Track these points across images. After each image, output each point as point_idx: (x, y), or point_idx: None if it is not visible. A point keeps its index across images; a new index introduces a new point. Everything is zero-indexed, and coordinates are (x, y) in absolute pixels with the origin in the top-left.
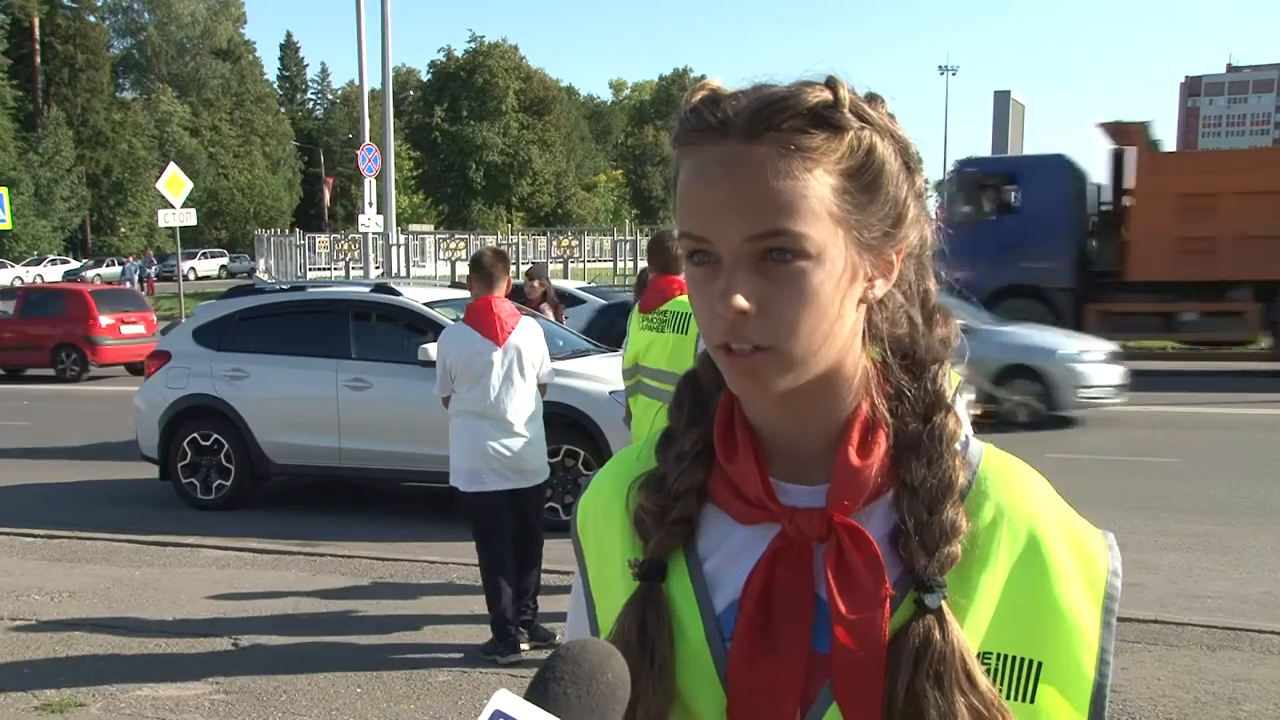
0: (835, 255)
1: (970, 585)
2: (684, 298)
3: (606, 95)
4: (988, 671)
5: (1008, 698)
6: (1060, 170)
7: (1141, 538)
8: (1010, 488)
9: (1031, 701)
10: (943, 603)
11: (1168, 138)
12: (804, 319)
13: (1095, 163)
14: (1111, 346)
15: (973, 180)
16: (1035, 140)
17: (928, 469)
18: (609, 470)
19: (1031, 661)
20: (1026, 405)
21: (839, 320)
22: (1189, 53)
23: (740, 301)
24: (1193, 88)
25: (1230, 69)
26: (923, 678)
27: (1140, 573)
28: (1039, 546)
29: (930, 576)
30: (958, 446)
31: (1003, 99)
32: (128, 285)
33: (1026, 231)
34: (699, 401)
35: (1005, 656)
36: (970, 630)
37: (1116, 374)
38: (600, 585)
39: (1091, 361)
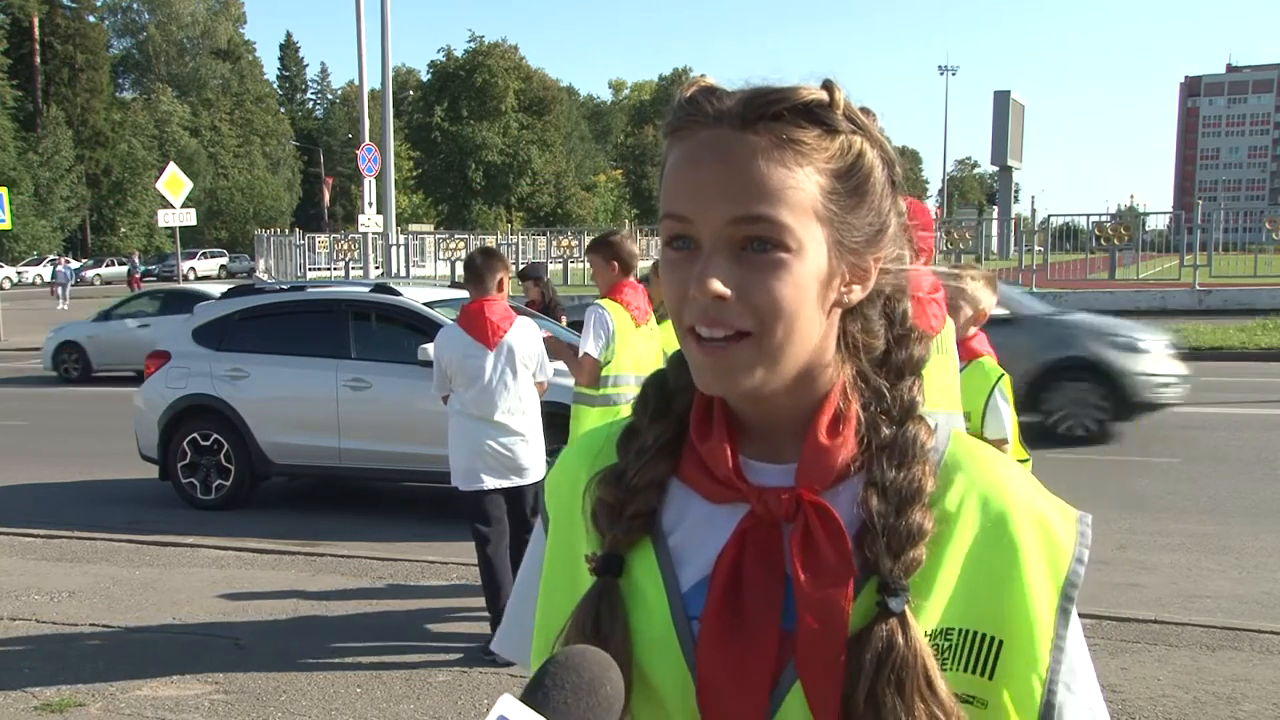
0: (815, 253)
1: (935, 559)
2: None
3: (606, 95)
4: (949, 647)
5: (967, 671)
6: None
7: (1141, 538)
8: (980, 466)
9: (991, 677)
10: (906, 607)
11: (1168, 137)
12: (781, 307)
13: None
14: None
15: None
16: (1035, 140)
17: (897, 471)
18: (576, 450)
19: (993, 639)
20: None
21: (814, 318)
22: (1189, 53)
23: (717, 286)
24: (1192, 88)
25: (1230, 69)
26: (884, 682)
27: (1140, 573)
28: (1006, 524)
29: (895, 580)
30: (928, 453)
31: (1003, 99)
32: (59, 289)
33: None
34: (664, 399)
35: (966, 632)
36: (932, 604)
37: None
38: (554, 563)
39: None
